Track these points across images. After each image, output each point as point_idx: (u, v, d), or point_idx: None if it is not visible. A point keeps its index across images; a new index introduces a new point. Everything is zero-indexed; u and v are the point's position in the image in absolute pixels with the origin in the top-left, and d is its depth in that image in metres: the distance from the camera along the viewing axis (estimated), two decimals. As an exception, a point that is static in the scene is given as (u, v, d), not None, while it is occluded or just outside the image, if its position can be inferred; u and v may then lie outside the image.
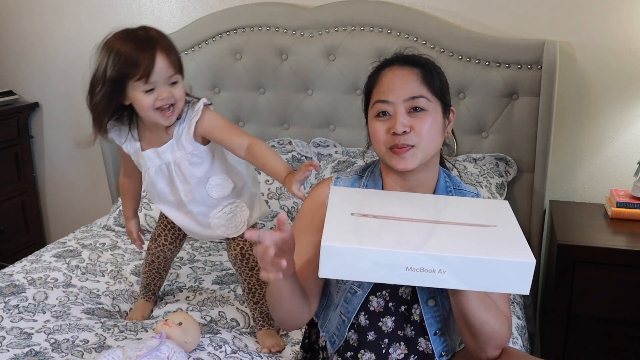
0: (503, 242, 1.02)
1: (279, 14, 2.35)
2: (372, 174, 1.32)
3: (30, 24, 2.80)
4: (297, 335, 1.60)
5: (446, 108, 1.25)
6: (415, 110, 1.19)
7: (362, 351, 1.25)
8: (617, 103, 2.17)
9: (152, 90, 1.42)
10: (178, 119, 1.51)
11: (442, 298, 1.23)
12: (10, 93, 2.83)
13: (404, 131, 1.17)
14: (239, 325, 1.68)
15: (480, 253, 0.97)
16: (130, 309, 1.82)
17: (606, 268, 1.83)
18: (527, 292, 0.99)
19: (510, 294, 1.30)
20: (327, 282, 1.30)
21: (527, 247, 1.01)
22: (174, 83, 1.45)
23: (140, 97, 1.42)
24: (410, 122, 1.18)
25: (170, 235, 1.75)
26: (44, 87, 2.88)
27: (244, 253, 1.65)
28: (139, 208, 1.82)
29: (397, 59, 1.25)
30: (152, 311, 1.80)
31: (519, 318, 1.74)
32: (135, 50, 1.39)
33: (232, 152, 1.54)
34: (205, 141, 1.55)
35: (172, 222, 1.71)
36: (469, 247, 0.99)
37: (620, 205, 2.03)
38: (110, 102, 1.45)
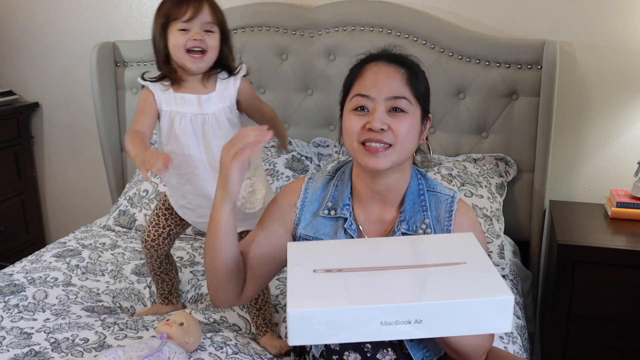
0: (477, 279, 0.96)
1: (279, 14, 2.35)
2: (342, 174, 1.30)
3: (31, 23, 2.80)
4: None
5: (425, 114, 1.22)
6: (395, 110, 1.16)
7: (347, 352, 1.24)
8: (617, 103, 2.17)
9: (186, 30, 1.49)
10: (219, 72, 1.57)
11: None
12: (10, 93, 2.84)
13: (382, 129, 1.14)
14: (240, 330, 1.68)
15: (455, 296, 0.91)
16: (131, 307, 1.83)
17: (606, 268, 1.83)
18: (509, 329, 0.93)
19: None
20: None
21: (503, 283, 0.95)
22: (210, 32, 1.52)
23: (174, 34, 1.50)
24: (388, 121, 1.15)
25: (169, 223, 1.73)
26: (44, 87, 2.88)
27: None
28: (139, 208, 1.81)
29: (383, 55, 1.22)
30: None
31: (518, 318, 1.74)
32: None
33: (256, 114, 1.64)
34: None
35: (167, 213, 1.71)
36: (443, 291, 0.93)
37: (620, 205, 2.03)
38: (160, 46, 1.54)
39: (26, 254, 2.22)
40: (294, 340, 0.91)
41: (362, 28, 2.26)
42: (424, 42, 2.20)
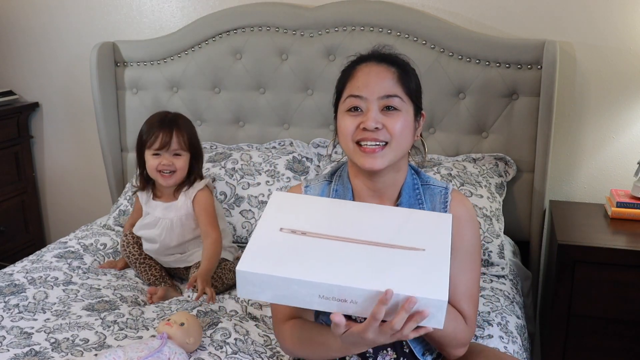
0: (423, 272, 0.98)
1: (279, 14, 2.35)
2: (340, 178, 1.31)
3: (30, 24, 2.80)
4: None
5: (417, 111, 1.24)
6: (388, 109, 1.18)
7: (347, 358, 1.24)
8: (617, 103, 2.17)
9: (158, 155, 1.84)
10: (184, 186, 1.90)
11: None
12: (10, 93, 2.83)
13: (376, 127, 1.15)
14: (237, 313, 1.69)
15: (392, 287, 0.94)
16: (134, 295, 1.86)
17: (606, 268, 1.83)
18: (441, 327, 0.97)
19: (479, 293, 1.30)
20: None
21: (445, 281, 0.97)
22: (178, 155, 1.85)
23: (149, 157, 1.86)
24: (382, 120, 1.16)
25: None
26: (44, 87, 2.88)
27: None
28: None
29: (374, 56, 1.24)
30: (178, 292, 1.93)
31: (518, 318, 1.74)
32: (154, 124, 1.86)
33: (200, 229, 1.91)
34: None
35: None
36: (383, 279, 0.96)
37: (620, 205, 2.03)
38: (141, 163, 1.91)
39: (26, 254, 2.22)
40: (241, 294, 1.00)
41: (362, 28, 2.26)
42: (424, 42, 2.20)
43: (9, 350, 1.48)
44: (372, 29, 2.25)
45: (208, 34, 2.45)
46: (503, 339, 1.56)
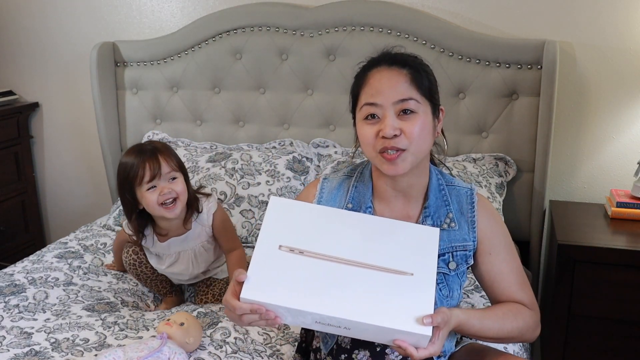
0: (409, 302, 1.07)
1: (279, 14, 2.35)
2: (361, 175, 1.32)
3: (30, 24, 2.80)
4: (296, 330, 1.60)
5: (435, 108, 1.24)
6: (404, 112, 1.18)
7: (357, 351, 1.24)
8: (617, 103, 2.17)
9: (154, 187, 1.62)
10: (193, 212, 1.73)
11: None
12: (10, 93, 2.84)
13: (394, 134, 1.16)
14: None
15: (379, 320, 1.04)
16: (134, 302, 1.85)
17: (606, 268, 1.83)
18: (425, 345, 1.06)
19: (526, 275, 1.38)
20: None
21: (429, 312, 1.06)
22: (174, 179, 1.65)
23: (145, 195, 1.63)
24: (400, 125, 1.16)
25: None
26: (44, 87, 2.88)
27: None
28: None
29: (384, 59, 1.23)
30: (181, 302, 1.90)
31: (519, 318, 1.74)
32: (135, 158, 1.63)
33: (220, 246, 1.80)
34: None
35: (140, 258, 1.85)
36: (372, 312, 1.06)
37: (620, 205, 2.03)
38: (131, 209, 1.68)
39: (26, 254, 2.22)
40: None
41: (362, 28, 2.26)
42: (424, 42, 2.20)
43: (9, 350, 1.48)
44: (372, 29, 2.25)
45: (208, 34, 2.45)
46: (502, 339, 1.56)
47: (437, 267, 1.19)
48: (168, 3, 2.59)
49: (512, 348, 1.55)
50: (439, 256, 1.21)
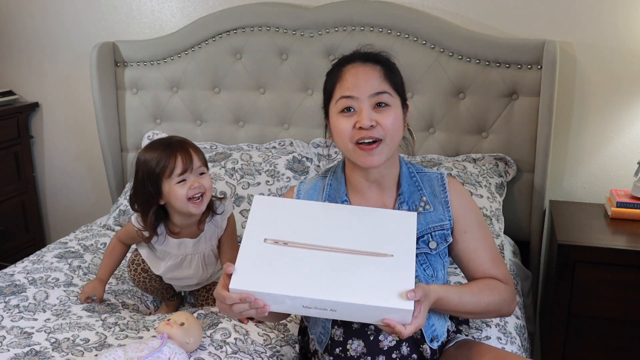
0: (391, 280, 1.12)
1: (279, 14, 2.35)
2: (334, 174, 1.38)
3: (31, 24, 2.80)
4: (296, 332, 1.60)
5: (404, 102, 1.31)
6: (379, 105, 1.24)
7: (350, 340, 1.27)
8: (617, 103, 2.17)
9: (183, 181, 1.58)
10: (209, 212, 1.68)
11: None
12: (10, 93, 2.84)
13: (371, 125, 1.21)
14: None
15: (363, 299, 1.09)
16: (134, 305, 1.84)
17: (606, 268, 1.83)
18: (409, 321, 1.10)
19: (501, 252, 1.45)
20: None
21: (411, 287, 1.10)
22: (202, 174, 1.62)
23: (174, 188, 1.58)
24: (375, 117, 1.23)
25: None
26: (44, 87, 2.88)
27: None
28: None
29: (357, 56, 1.30)
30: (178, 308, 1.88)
31: (518, 318, 1.73)
32: (165, 150, 1.58)
33: (220, 253, 1.75)
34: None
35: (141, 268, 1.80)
36: (355, 291, 1.10)
37: (620, 205, 2.03)
38: (150, 204, 1.62)
39: (26, 254, 2.22)
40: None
41: (362, 28, 2.26)
42: (424, 42, 2.20)
43: (9, 350, 1.48)
44: (372, 29, 2.25)
45: (208, 34, 2.45)
46: (501, 339, 1.56)
47: (418, 248, 1.26)
48: (168, 3, 2.59)
49: (511, 348, 1.55)
50: (419, 238, 1.27)
